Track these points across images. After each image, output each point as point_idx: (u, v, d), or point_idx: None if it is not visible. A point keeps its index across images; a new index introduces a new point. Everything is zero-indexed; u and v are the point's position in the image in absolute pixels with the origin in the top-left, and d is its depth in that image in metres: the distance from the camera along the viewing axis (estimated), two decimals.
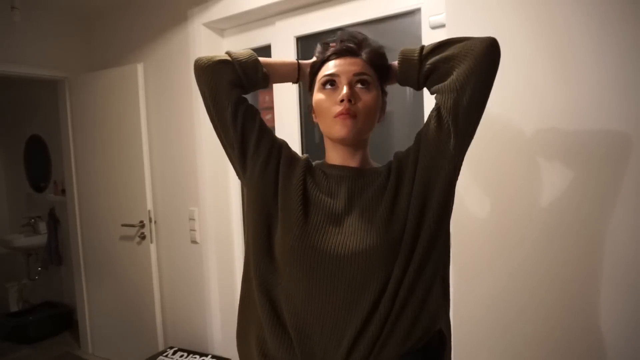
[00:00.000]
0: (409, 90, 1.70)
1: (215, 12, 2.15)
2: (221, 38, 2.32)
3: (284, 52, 2.01)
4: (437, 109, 0.84)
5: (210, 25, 2.23)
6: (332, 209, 0.86)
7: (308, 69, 0.97)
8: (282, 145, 0.94)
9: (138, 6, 2.54)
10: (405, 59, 0.89)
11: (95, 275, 2.90)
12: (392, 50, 0.94)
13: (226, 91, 0.89)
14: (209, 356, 2.31)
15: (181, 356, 2.35)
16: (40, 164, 3.72)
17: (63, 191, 3.20)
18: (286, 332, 0.85)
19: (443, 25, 1.49)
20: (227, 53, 0.93)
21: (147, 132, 2.54)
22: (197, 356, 2.33)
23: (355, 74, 0.86)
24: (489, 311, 1.37)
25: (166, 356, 2.36)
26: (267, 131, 0.93)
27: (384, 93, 0.93)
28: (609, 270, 1.19)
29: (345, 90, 0.83)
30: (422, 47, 0.88)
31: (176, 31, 2.35)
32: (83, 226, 2.92)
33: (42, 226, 3.65)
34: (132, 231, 2.63)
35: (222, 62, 0.90)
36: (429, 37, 1.57)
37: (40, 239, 3.59)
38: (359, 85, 0.86)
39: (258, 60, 0.93)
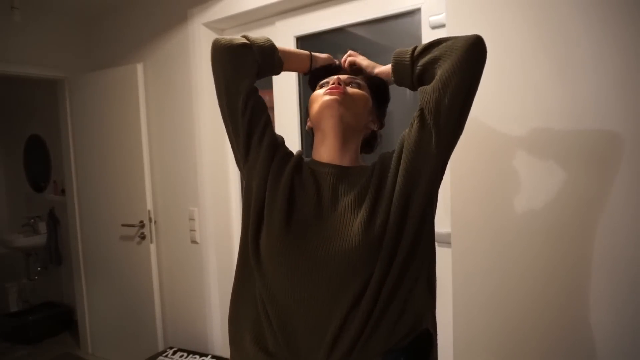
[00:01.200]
0: (409, 90, 1.70)
1: (215, 12, 2.15)
2: None
3: None
4: (419, 110, 0.85)
5: (210, 25, 2.23)
6: (315, 208, 0.87)
7: (319, 62, 1.06)
8: (280, 143, 0.96)
9: (138, 6, 2.54)
10: (398, 62, 0.92)
11: (95, 275, 2.90)
12: (392, 51, 0.95)
13: (241, 77, 0.91)
14: (209, 356, 2.31)
15: (181, 356, 2.35)
16: (40, 164, 3.73)
17: (63, 191, 3.20)
18: (272, 326, 0.87)
19: (443, 25, 1.49)
20: (245, 37, 0.95)
21: (147, 132, 2.54)
22: (197, 356, 2.33)
23: (350, 77, 0.96)
24: (489, 311, 1.37)
25: (166, 356, 2.36)
26: (271, 126, 0.95)
27: (380, 115, 1.02)
28: (609, 270, 1.19)
29: (336, 77, 0.93)
30: (415, 48, 0.90)
31: (176, 31, 2.35)
32: (83, 226, 2.92)
33: (42, 226, 3.65)
34: (132, 231, 2.63)
35: (242, 46, 0.92)
36: (429, 37, 1.56)
37: (40, 239, 3.59)
38: (351, 85, 0.95)
39: (275, 46, 0.97)
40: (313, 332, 0.83)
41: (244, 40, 0.93)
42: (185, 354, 2.37)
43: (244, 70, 0.92)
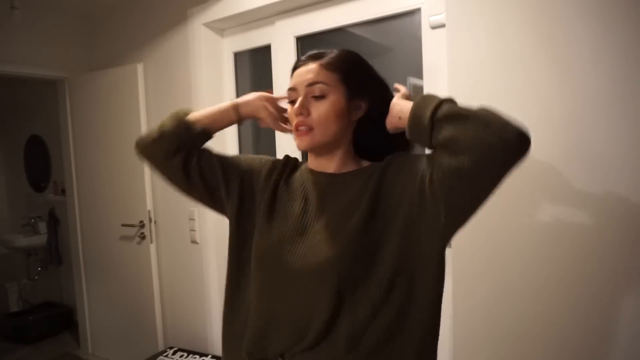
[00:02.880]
0: (409, 89, 1.70)
1: (215, 12, 2.15)
2: (221, 38, 2.32)
3: (284, 52, 2.01)
4: (430, 179, 0.73)
5: (210, 25, 2.23)
6: (300, 221, 0.84)
7: (249, 107, 0.95)
8: (252, 170, 0.93)
9: (138, 6, 2.54)
10: (416, 116, 0.74)
11: (95, 275, 2.90)
12: (392, 50, 0.94)
13: (167, 167, 0.92)
14: (209, 356, 2.31)
15: (181, 356, 2.35)
16: (40, 164, 3.72)
17: (63, 191, 3.20)
18: (251, 333, 0.87)
19: (443, 25, 1.49)
20: (160, 127, 0.93)
21: None
22: (197, 356, 2.33)
23: (309, 84, 0.83)
24: (489, 311, 1.37)
25: (166, 356, 2.36)
26: (230, 170, 0.92)
27: (365, 94, 0.86)
28: (611, 271, 1.18)
29: (297, 104, 0.83)
30: (436, 109, 0.72)
31: (176, 31, 2.35)
32: (83, 226, 2.92)
33: (42, 226, 3.65)
34: (132, 231, 2.63)
35: (153, 142, 0.92)
36: (429, 37, 1.57)
37: (40, 239, 3.59)
38: (314, 98, 0.83)
39: (189, 123, 0.91)
40: (288, 344, 0.81)
41: (155, 135, 0.93)
42: (185, 354, 2.36)
43: (164, 161, 0.92)
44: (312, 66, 0.84)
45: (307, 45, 1.97)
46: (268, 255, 0.84)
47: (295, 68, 0.88)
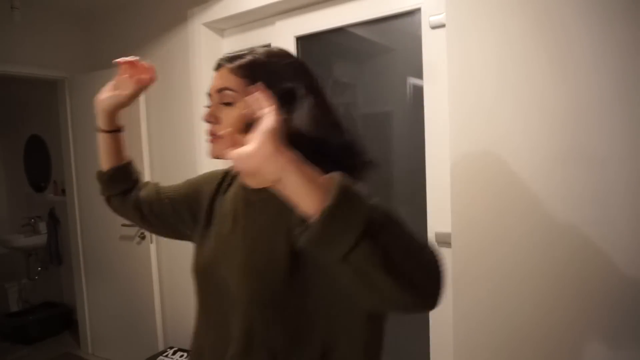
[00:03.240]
0: (409, 88, 1.70)
1: (215, 12, 2.15)
2: (221, 38, 2.32)
3: None
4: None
5: (210, 25, 2.23)
6: (228, 239, 0.80)
7: (103, 119, 0.99)
8: (197, 192, 0.94)
9: (138, 6, 2.54)
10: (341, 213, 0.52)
11: (95, 275, 2.90)
12: (392, 50, 0.93)
13: (130, 215, 1.04)
14: None
15: (181, 356, 2.35)
16: (40, 164, 3.72)
17: (63, 191, 3.20)
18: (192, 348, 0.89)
19: (443, 25, 1.49)
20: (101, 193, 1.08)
21: (146, 132, 2.54)
22: None
23: (218, 90, 0.76)
24: (489, 311, 1.37)
25: (166, 356, 2.36)
26: (178, 201, 0.96)
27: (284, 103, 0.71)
28: (611, 271, 1.18)
29: (206, 112, 0.78)
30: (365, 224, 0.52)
31: (176, 31, 2.35)
32: (83, 226, 2.92)
33: (42, 226, 3.65)
34: (132, 231, 2.63)
35: (108, 203, 1.08)
36: (429, 37, 1.57)
37: (40, 239, 3.59)
38: (224, 104, 0.75)
39: (100, 175, 1.03)
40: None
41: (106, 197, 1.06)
42: (186, 354, 2.36)
43: (122, 203, 1.05)
44: (223, 71, 0.76)
45: (307, 45, 1.97)
46: (198, 275, 0.84)
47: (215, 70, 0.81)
